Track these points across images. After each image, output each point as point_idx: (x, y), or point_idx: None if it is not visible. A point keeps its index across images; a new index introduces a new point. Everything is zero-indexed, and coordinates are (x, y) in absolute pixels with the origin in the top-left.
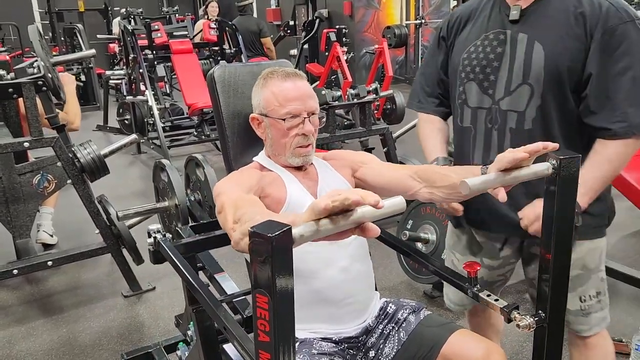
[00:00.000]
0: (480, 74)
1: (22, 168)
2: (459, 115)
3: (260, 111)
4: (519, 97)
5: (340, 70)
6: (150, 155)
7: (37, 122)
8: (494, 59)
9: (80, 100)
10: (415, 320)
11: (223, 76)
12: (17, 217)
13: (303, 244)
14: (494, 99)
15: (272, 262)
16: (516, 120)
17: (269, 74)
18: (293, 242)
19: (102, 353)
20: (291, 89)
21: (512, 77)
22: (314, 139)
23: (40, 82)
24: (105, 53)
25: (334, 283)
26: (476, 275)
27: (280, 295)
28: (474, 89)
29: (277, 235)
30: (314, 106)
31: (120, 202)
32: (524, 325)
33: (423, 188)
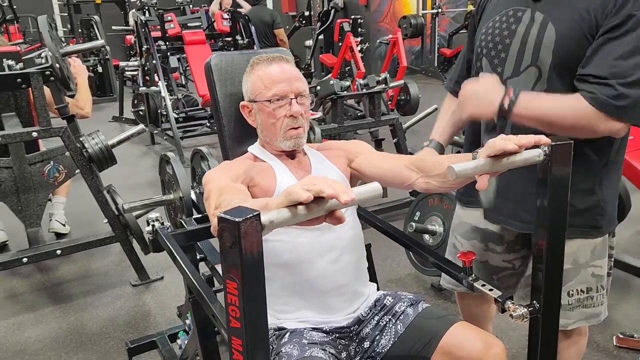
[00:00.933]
0: (492, 50)
1: (33, 158)
2: None
3: (249, 97)
4: (526, 79)
5: (354, 60)
6: (163, 146)
7: (45, 112)
8: (507, 36)
9: (97, 92)
10: (414, 312)
11: (220, 65)
12: (28, 207)
13: (299, 233)
14: (502, 78)
15: (239, 247)
16: None
17: (256, 60)
18: (262, 227)
19: (109, 341)
20: (277, 71)
21: (522, 58)
22: (305, 121)
23: (48, 72)
24: (122, 44)
25: (324, 273)
26: (471, 264)
27: (248, 281)
28: (486, 65)
29: (244, 220)
30: (302, 88)
31: (131, 192)
32: (517, 316)
33: (420, 178)
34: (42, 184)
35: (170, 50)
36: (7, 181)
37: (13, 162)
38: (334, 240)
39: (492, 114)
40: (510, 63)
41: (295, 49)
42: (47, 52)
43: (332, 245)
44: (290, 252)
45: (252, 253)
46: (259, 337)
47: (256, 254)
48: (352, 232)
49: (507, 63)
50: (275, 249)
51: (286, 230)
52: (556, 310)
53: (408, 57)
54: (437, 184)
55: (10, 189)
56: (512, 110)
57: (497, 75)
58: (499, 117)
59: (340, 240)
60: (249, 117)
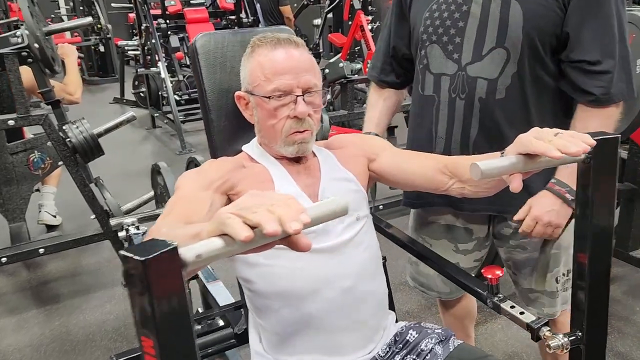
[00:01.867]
0: (443, 36)
1: (15, 147)
2: (420, 81)
3: (246, 88)
4: (492, 62)
5: (364, 40)
6: (164, 130)
7: (22, 97)
8: (459, 19)
9: (99, 72)
10: (444, 351)
11: (207, 46)
12: (10, 200)
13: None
14: (460, 64)
15: (149, 295)
16: (487, 89)
17: (258, 41)
18: (184, 265)
19: (94, 351)
20: (282, 59)
21: (484, 40)
22: (314, 123)
23: (24, 52)
24: (126, 23)
25: (333, 307)
26: (498, 282)
27: (167, 337)
28: (437, 52)
29: (153, 258)
30: (312, 82)
31: (128, 181)
32: (555, 346)
33: (455, 183)
34: (26, 175)
35: (170, 28)
36: None
37: None
38: (345, 264)
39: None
40: (469, 47)
41: (303, 27)
42: (24, 31)
43: (343, 272)
44: (287, 280)
45: (170, 300)
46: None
47: (177, 300)
48: (369, 253)
49: (465, 48)
50: (268, 274)
51: (281, 253)
52: (602, 340)
53: None
54: (471, 189)
55: None
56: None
57: (453, 63)
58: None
59: (353, 265)
60: (245, 111)
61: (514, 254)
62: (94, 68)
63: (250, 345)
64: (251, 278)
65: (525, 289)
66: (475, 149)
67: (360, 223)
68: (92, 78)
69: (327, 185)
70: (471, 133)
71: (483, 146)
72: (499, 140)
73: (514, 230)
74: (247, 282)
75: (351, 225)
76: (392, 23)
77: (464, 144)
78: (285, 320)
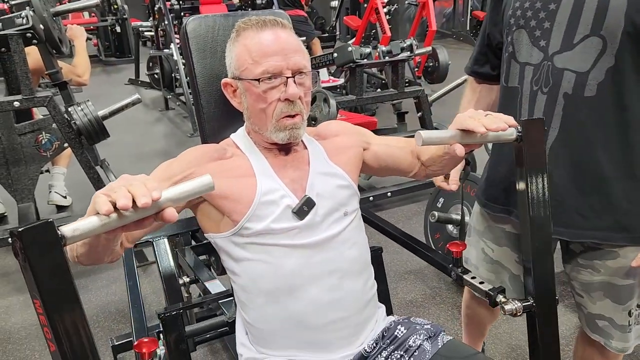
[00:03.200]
0: (532, 20)
1: (23, 128)
2: (505, 72)
3: (233, 73)
4: (583, 52)
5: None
6: (177, 112)
7: (27, 79)
8: (550, 0)
9: (116, 53)
10: (432, 348)
11: (198, 30)
12: (19, 180)
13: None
14: (546, 53)
15: (29, 263)
16: (574, 84)
17: (242, 24)
18: (64, 238)
19: (97, 332)
20: (270, 40)
21: (576, 26)
22: (305, 107)
23: (29, 34)
24: (143, 4)
25: (317, 304)
26: (461, 256)
27: (52, 300)
28: (524, 38)
29: (28, 230)
30: (301, 63)
31: (140, 163)
32: (509, 310)
33: (420, 167)
34: (34, 156)
35: (184, 9)
36: None
37: (1, 132)
38: (331, 261)
39: None
40: (558, 34)
41: (320, 9)
42: (28, 12)
43: (329, 269)
44: (272, 277)
45: (49, 269)
46: (78, 356)
47: (55, 269)
48: (357, 250)
49: (554, 34)
50: (252, 269)
51: (266, 249)
52: (552, 303)
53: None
54: (432, 169)
55: None
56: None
57: (539, 51)
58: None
59: (340, 262)
60: (233, 99)
61: (583, 274)
62: (110, 49)
63: (237, 336)
64: (236, 271)
65: (592, 314)
66: (552, 154)
67: (349, 218)
68: (109, 59)
69: (315, 181)
70: (549, 135)
71: (562, 152)
72: (582, 146)
73: (584, 249)
74: (233, 275)
75: (338, 221)
76: (489, 8)
77: None
78: (268, 316)
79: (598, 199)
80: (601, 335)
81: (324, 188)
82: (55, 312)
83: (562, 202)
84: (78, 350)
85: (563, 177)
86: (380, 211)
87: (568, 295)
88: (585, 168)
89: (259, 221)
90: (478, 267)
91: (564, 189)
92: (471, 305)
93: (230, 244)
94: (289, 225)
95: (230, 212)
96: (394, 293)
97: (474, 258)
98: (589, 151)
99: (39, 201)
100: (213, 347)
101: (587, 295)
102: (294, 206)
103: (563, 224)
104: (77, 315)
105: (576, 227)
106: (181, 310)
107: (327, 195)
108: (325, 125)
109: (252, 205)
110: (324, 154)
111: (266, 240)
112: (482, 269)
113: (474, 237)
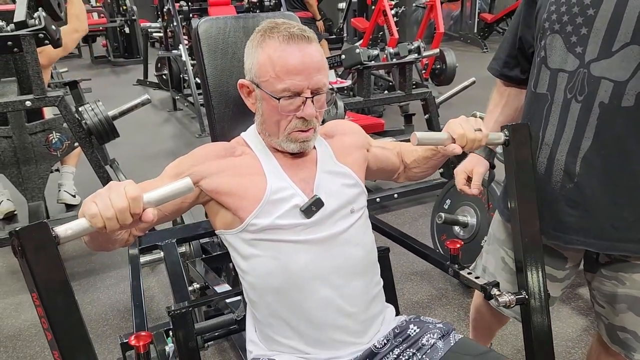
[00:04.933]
0: (568, 25)
1: (34, 127)
2: (534, 77)
3: (252, 78)
4: (622, 61)
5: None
6: (185, 112)
7: (39, 79)
8: (589, 5)
9: (124, 53)
10: (445, 346)
11: (209, 32)
12: (29, 179)
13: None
14: (582, 60)
15: (26, 259)
16: (611, 93)
17: (269, 31)
18: (57, 238)
19: (106, 329)
20: (295, 57)
21: (616, 33)
22: (318, 122)
23: (41, 34)
24: (151, 5)
25: (325, 301)
26: (457, 252)
27: (48, 294)
28: (558, 44)
29: (26, 229)
30: (322, 82)
31: (148, 163)
32: (503, 302)
33: (404, 169)
34: (44, 155)
35: (193, 11)
36: (7, 151)
37: (12, 131)
38: (338, 258)
39: None
40: (596, 41)
41: (327, 11)
42: (41, 13)
43: (336, 265)
44: (280, 273)
45: (43, 265)
46: (74, 347)
47: (50, 265)
48: (363, 247)
49: (592, 41)
50: (261, 267)
51: (273, 245)
52: (543, 295)
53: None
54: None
55: (10, 160)
56: None
57: (575, 58)
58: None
59: (347, 262)
60: (247, 99)
61: (606, 285)
62: (119, 49)
63: (246, 333)
64: (245, 269)
65: (614, 325)
66: (585, 164)
67: (355, 216)
68: (117, 59)
69: (322, 180)
70: (582, 145)
71: (595, 162)
72: (617, 156)
73: (611, 260)
74: (243, 273)
75: (345, 218)
76: (522, 10)
77: (571, 156)
78: (277, 313)
79: (632, 210)
80: (622, 347)
81: (331, 187)
82: (50, 304)
83: (593, 213)
84: (72, 339)
85: (595, 188)
86: (386, 212)
87: (574, 298)
88: (619, 179)
89: (266, 217)
90: (496, 276)
91: (595, 199)
92: (480, 309)
93: (239, 241)
94: (295, 221)
95: (237, 209)
96: (401, 294)
97: (493, 267)
98: (625, 162)
99: (48, 200)
100: (220, 345)
101: (610, 307)
102: (302, 205)
103: (593, 235)
104: (70, 306)
105: (607, 239)
106: (190, 308)
107: (334, 193)
108: (333, 123)
109: (261, 202)
110: (331, 153)
111: (272, 236)
112: (501, 278)
113: (494, 245)
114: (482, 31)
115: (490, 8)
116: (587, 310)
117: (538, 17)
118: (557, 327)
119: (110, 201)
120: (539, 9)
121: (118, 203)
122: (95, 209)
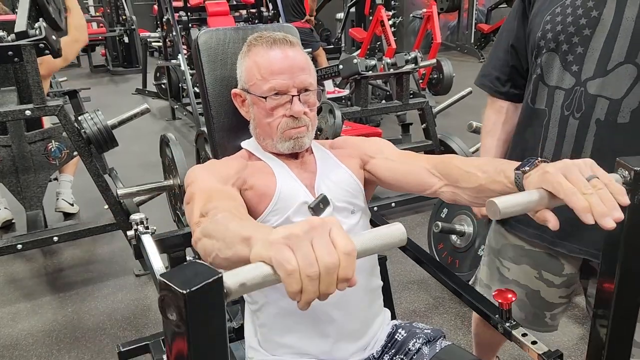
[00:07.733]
0: (564, 44)
1: (33, 136)
2: (531, 93)
3: (242, 86)
4: (617, 80)
5: (384, 36)
6: (184, 121)
7: (39, 88)
8: (585, 25)
9: (123, 63)
10: (430, 352)
11: (209, 43)
12: (28, 188)
13: None
14: (578, 78)
15: (187, 330)
16: (607, 110)
17: (254, 40)
18: (227, 295)
19: (104, 338)
20: (278, 59)
21: (611, 52)
22: (310, 120)
23: (41, 44)
24: (150, 15)
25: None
26: (510, 307)
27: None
28: (554, 62)
29: (196, 290)
30: (307, 81)
31: (146, 172)
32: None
33: (444, 186)
34: (43, 164)
35: (192, 21)
36: (6, 160)
37: (11, 140)
38: None
39: None
40: (592, 60)
41: (325, 21)
42: (42, 23)
43: None
44: None
45: (208, 336)
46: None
47: (215, 335)
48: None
49: (587, 60)
50: None
51: None
52: None
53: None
54: (468, 199)
55: (9, 169)
56: None
57: (571, 76)
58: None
59: None
60: (241, 108)
61: None
62: (118, 59)
63: (245, 339)
64: None
65: None
66: None
67: (356, 216)
68: (116, 68)
69: (323, 181)
70: None
71: None
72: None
73: None
74: None
75: (347, 218)
76: (515, 24)
77: None
78: (282, 314)
79: None
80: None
81: (332, 188)
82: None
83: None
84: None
85: None
86: None
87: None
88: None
89: (278, 214)
90: (490, 287)
91: None
92: (480, 326)
93: None
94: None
95: (255, 205)
96: (397, 302)
97: (486, 278)
98: None
99: (46, 209)
100: None
101: None
102: (310, 202)
103: (594, 245)
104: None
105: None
106: None
107: (334, 194)
108: (342, 139)
109: (272, 200)
110: (332, 156)
111: None
112: (495, 289)
113: (489, 256)
114: (479, 41)
115: (486, 19)
116: (582, 318)
117: (531, 35)
118: (552, 335)
119: (315, 252)
120: (532, 27)
121: (326, 258)
122: (293, 262)
